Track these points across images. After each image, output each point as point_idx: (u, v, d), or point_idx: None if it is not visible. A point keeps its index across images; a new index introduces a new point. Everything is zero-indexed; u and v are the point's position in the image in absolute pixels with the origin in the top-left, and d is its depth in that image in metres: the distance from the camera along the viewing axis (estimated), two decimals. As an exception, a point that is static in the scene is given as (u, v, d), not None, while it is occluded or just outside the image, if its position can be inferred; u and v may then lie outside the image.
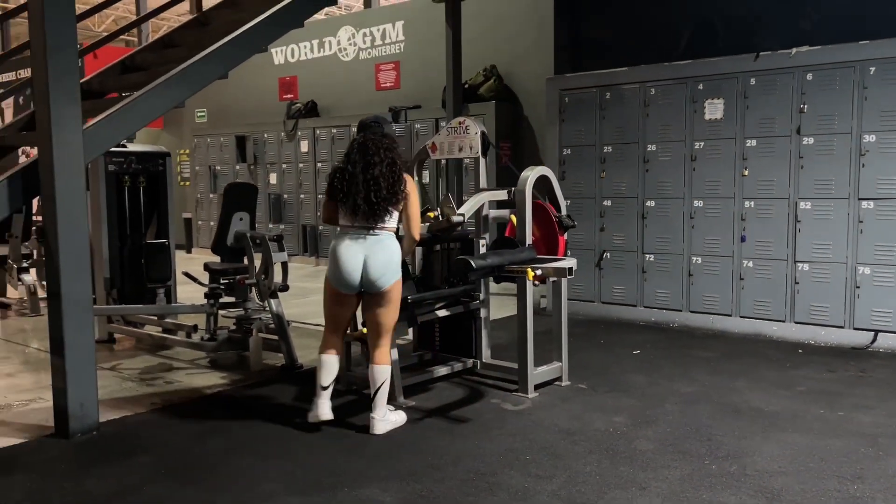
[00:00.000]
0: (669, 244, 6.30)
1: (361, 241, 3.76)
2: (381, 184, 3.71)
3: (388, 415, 3.88)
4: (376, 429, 3.81)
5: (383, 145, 3.80)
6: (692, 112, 6.12)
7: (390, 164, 3.75)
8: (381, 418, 3.84)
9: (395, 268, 3.79)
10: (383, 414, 3.86)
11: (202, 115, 13.22)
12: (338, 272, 3.78)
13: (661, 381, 4.69)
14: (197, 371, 5.18)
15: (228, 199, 5.40)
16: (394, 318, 3.87)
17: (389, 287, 3.77)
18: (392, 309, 3.84)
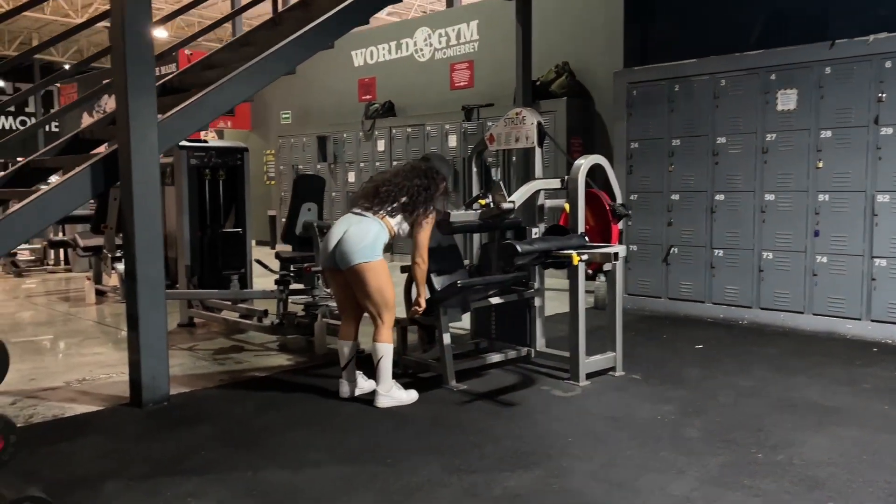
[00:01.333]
0: (739, 239, 6.15)
1: (351, 218, 4.08)
2: (402, 190, 4.03)
3: (393, 391, 4.06)
4: (378, 402, 4.02)
5: (428, 174, 4.11)
6: (764, 103, 5.95)
7: (422, 187, 4.04)
8: (385, 393, 4.04)
9: (365, 248, 3.93)
10: (387, 389, 4.04)
11: (287, 117, 13.75)
12: (323, 244, 4.11)
13: (718, 375, 4.60)
14: (265, 353, 5.44)
15: (297, 190, 5.65)
16: (376, 301, 4.01)
17: (355, 266, 3.95)
18: (366, 291, 4.00)
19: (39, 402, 4.26)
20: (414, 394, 4.13)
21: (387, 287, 4.03)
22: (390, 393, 4.04)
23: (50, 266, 10.84)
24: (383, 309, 4.04)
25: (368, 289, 4.00)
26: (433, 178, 4.13)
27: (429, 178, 4.12)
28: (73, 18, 19.40)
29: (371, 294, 4.01)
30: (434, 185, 4.12)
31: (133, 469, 3.24)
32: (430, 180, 4.13)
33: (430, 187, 4.10)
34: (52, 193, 3.91)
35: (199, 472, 3.19)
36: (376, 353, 4.06)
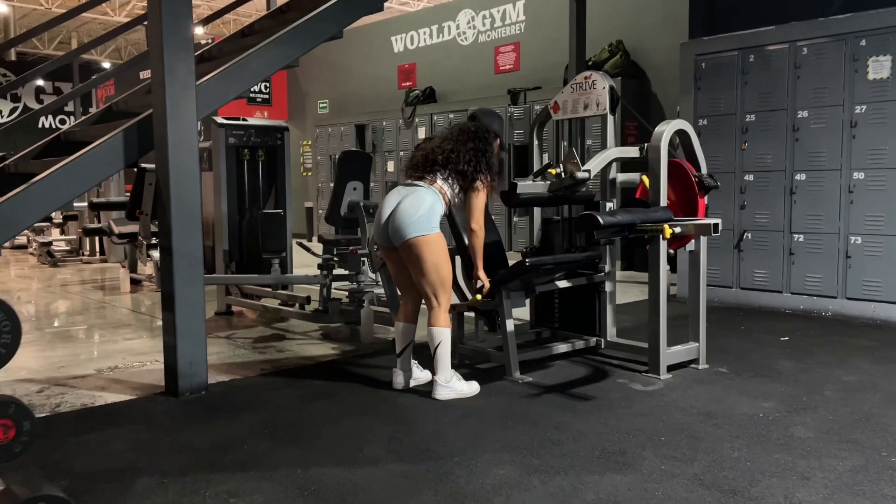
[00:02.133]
0: (823, 223, 5.60)
1: (402, 189, 3.72)
2: (456, 155, 3.64)
3: (453, 381, 3.63)
4: (437, 394, 3.61)
5: (479, 135, 3.71)
6: (852, 72, 5.40)
7: (477, 151, 3.65)
8: (444, 383, 3.61)
9: (420, 220, 3.55)
10: (446, 379, 3.62)
11: (324, 106, 13.43)
12: (376, 220, 3.73)
13: (816, 368, 4.09)
14: (309, 342, 5.06)
15: (343, 167, 5.26)
16: (432, 280, 3.59)
17: (409, 240, 3.55)
18: (422, 268, 3.58)
19: (68, 390, 3.92)
20: (476, 385, 3.70)
21: (444, 264, 3.61)
22: (450, 383, 3.61)
23: (86, 256, 10.64)
24: (440, 289, 3.62)
25: (424, 265, 3.58)
26: (486, 139, 3.71)
27: (481, 140, 3.70)
28: (111, 17, 19.37)
29: (427, 271, 3.59)
30: (489, 147, 3.70)
31: (168, 463, 2.86)
32: (483, 142, 3.70)
33: (486, 150, 3.68)
34: (83, 160, 3.55)
35: (241, 468, 2.80)
36: (433, 340, 3.64)
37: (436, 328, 3.64)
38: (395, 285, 5.00)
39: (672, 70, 7.98)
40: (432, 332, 3.65)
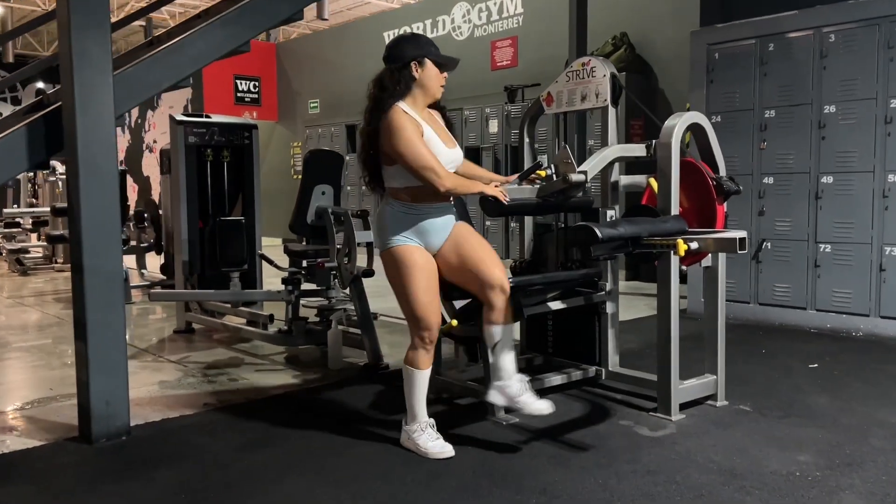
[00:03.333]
0: (853, 231, 4.96)
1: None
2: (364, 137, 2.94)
3: (418, 433, 2.96)
4: (401, 439, 3.02)
5: (378, 82, 2.89)
6: (887, 61, 4.77)
7: (372, 100, 2.89)
8: (407, 431, 2.99)
9: (378, 237, 3.04)
10: (411, 428, 2.98)
11: (315, 106, 12.85)
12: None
13: (856, 406, 3.46)
14: (269, 367, 4.45)
15: (309, 169, 4.65)
16: (402, 302, 2.99)
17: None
18: (393, 287, 3.00)
19: (-30, 431, 3.32)
20: (447, 449, 2.92)
21: (403, 285, 2.94)
22: (413, 435, 2.97)
23: (59, 263, 10.05)
24: (408, 318, 2.99)
25: (391, 283, 2.99)
26: (390, 72, 2.87)
27: (379, 81, 2.89)
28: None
29: (395, 291, 2.98)
30: (393, 76, 2.86)
31: (46, 545, 2.25)
32: (380, 84, 2.89)
33: (384, 85, 2.87)
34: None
35: (136, 554, 2.18)
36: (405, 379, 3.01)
37: (404, 365, 3.01)
38: (367, 302, 4.41)
39: (681, 64, 7.35)
40: (404, 372, 3.01)
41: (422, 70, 2.88)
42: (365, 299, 4.41)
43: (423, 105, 2.95)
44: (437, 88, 2.94)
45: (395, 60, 2.88)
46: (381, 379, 4.11)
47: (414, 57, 2.87)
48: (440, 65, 2.91)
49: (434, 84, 2.92)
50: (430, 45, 2.95)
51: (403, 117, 2.80)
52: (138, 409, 3.53)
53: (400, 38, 2.96)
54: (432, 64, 2.89)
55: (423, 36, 3.01)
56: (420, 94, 2.91)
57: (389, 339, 5.04)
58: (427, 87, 2.91)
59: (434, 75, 2.91)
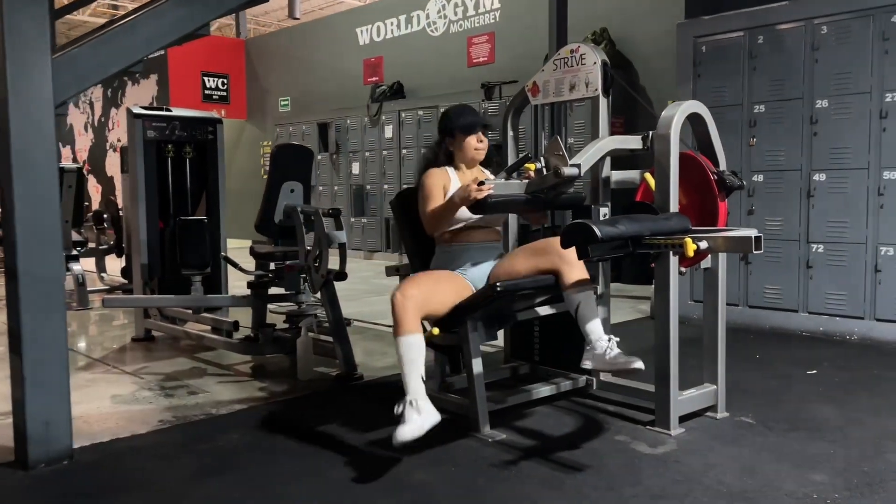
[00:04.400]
0: (847, 230, 4.77)
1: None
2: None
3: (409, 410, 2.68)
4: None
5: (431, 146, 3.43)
6: (881, 53, 4.58)
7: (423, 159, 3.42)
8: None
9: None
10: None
11: (286, 104, 12.48)
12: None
13: (864, 417, 3.24)
14: (233, 379, 4.12)
15: (277, 165, 4.34)
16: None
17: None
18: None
19: None
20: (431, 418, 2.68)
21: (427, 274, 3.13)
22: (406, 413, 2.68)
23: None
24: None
25: None
26: (427, 151, 3.40)
27: (431, 145, 3.40)
28: (77, 16, 18.26)
29: None
30: (433, 149, 3.34)
31: None
32: (430, 149, 3.39)
33: (428, 154, 3.37)
34: None
35: None
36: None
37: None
38: (339, 308, 4.11)
39: (663, 60, 7.19)
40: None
41: (454, 141, 3.23)
42: (337, 304, 4.11)
43: (469, 167, 3.29)
44: (471, 152, 3.23)
45: (438, 133, 3.33)
46: (356, 391, 3.81)
47: (444, 132, 3.27)
48: (466, 130, 3.21)
49: (466, 149, 3.22)
50: (461, 116, 3.24)
51: (431, 174, 3.20)
52: (85, 428, 3.19)
53: (443, 114, 3.34)
54: (460, 133, 3.21)
55: (458, 108, 3.29)
56: (461, 161, 3.26)
57: (364, 346, 4.76)
58: (463, 153, 3.24)
59: (464, 143, 3.22)
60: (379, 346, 4.81)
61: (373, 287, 7.34)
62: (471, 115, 3.26)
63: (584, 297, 2.86)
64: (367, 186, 10.17)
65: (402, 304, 2.77)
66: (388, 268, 3.53)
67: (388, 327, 5.34)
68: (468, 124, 3.21)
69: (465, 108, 3.28)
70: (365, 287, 7.35)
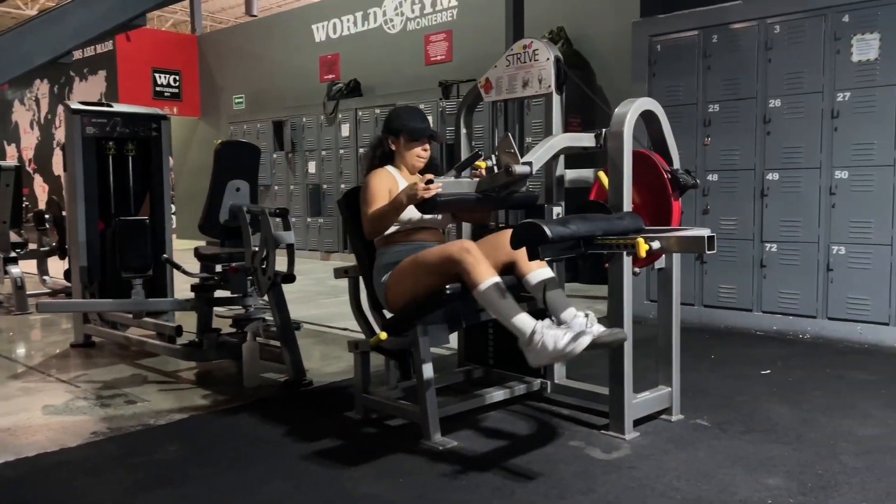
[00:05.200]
0: (800, 230, 4.79)
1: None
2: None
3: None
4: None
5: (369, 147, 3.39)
6: (833, 53, 4.61)
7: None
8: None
9: (379, 276, 3.11)
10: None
11: (240, 102, 12.21)
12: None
13: (818, 417, 3.22)
14: (175, 387, 3.95)
15: (222, 162, 4.16)
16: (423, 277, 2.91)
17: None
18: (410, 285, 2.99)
19: None
20: (582, 340, 2.49)
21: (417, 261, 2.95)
22: (540, 347, 2.56)
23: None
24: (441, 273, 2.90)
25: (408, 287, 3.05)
26: (377, 140, 3.32)
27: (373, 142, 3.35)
28: (24, 10, 17.69)
29: (412, 289, 3.04)
30: (374, 146, 3.31)
31: None
32: (371, 146, 3.34)
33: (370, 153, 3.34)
34: None
35: None
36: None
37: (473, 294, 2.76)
38: (287, 311, 3.97)
39: (620, 59, 7.16)
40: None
41: (398, 142, 3.18)
42: (285, 307, 3.96)
43: (409, 173, 3.20)
44: (412, 159, 3.17)
45: (383, 130, 3.24)
46: (305, 397, 3.68)
47: (390, 130, 3.18)
48: (413, 136, 3.14)
49: (408, 155, 3.17)
50: (411, 119, 3.16)
51: (376, 175, 3.12)
52: (10, 442, 3.01)
53: (392, 112, 3.24)
54: (407, 136, 3.15)
55: (409, 110, 3.23)
56: (400, 163, 3.20)
57: (316, 350, 4.62)
58: (403, 157, 3.19)
59: (408, 148, 3.16)
60: (331, 350, 4.68)
61: (327, 289, 7.18)
62: (420, 120, 3.17)
63: (549, 280, 2.77)
64: (323, 186, 9.99)
65: (471, 253, 2.67)
66: (337, 269, 3.40)
67: (342, 330, 5.23)
68: (416, 130, 3.14)
69: (416, 111, 3.21)
70: (319, 289, 7.19)
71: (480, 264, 2.65)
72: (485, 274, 2.64)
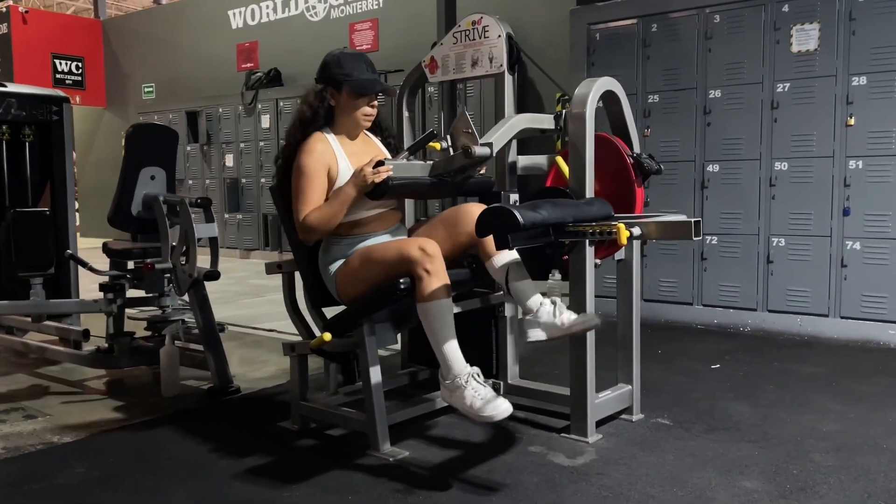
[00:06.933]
0: (740, 222, 4.75)
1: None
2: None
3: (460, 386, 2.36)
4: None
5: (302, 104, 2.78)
6: (773, 43, 4.58)
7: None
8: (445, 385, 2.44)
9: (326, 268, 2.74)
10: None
11: (150, 91, 11.49)
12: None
13: (777, 413, 3.12)
14: (82, 398, 3.51)
15: (134, 148, 3.74)
16: (376, 269, 2.59)
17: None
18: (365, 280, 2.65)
19: None
20: (500, 410, 2.30)
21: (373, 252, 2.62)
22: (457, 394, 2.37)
23: None
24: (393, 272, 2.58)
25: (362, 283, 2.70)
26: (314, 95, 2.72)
27: (306, 97, 2.76)
28: None
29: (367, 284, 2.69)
30: (311, 105, 2.71)
31: None
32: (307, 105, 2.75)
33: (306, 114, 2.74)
34: None
35: None
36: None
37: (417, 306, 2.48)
38: (210, 312, 3.59)
39: (556, 51, 7.01)
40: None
41: (338, 96, 2.65)
42: (208, 308, 3.59)
43: (351, 137, 2.73)
44: (358, 118, 2.68)
45: (319, 81, 2.68)
46: (232, 407, 3.32)
47: (329, 81, 2.65)
48: (360, 89, 2.63)
49: (355, 114, 2.67)
50: (355, 67, 2.65)
51: (310, 151, 2.60)
52: None
53: (331, 57, 2.70)
54: (351, 90, 2.63)
55: (352, 55, 2.71)
56: (342, 123, 2.70)
57: (240, 354, 4.26)
58: (347, 116, 2.68)
59: (353, 104, 2.66)
60: (258, 354, 4.31)
61: (248, 288, 6.76)
62: (368, 70, 2.66)
63: (513, 264, 2.53)
64: (242, 180, 9.49)
65: (432, 261, 2.37)
66: (269, 265, 3.06)
67: (268, 332, 4.87)
68: (364, 82, 2.62)
69: (359, 56, 2.69)
70: (240, 288, 6.75)
71: (437, 277, 2.37)
72: (439, 292, 2.37)
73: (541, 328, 2.48)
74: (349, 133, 2.70)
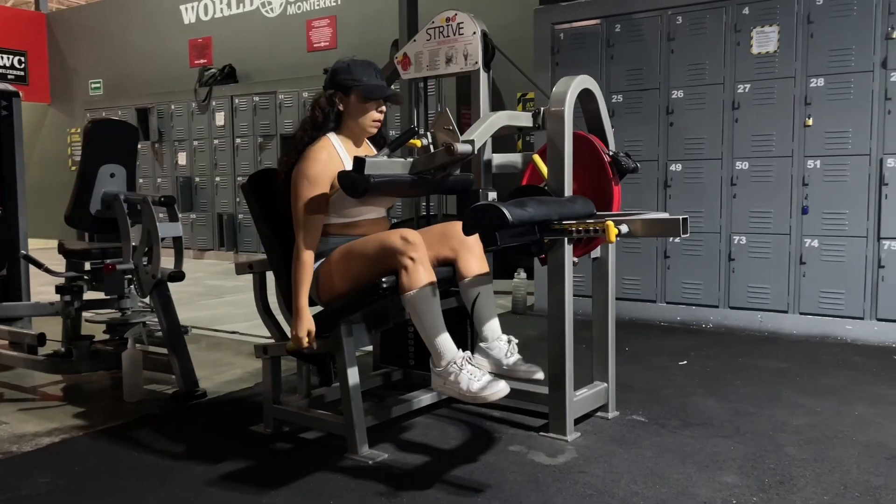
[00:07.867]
0: (702, 220, 4.83)
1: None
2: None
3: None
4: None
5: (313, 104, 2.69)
6: (734, 45, 4.66)
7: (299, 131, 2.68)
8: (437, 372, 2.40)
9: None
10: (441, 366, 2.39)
11: (97, 87, 11.14)
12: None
13: (748, 408, 3.17)
14: (39, 405, 3.37)
15: (93, 144, 3.60)
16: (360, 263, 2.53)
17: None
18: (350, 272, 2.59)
19: None
20: (499, 388, 2.27)
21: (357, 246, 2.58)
22: (451, 379, 2.33)
23: None
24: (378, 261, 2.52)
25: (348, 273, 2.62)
26: (325, 100, 2.63)
27: (315, 102, 2.66)
28: None
29: (354, 274, 2.62)
30: (322, 109, 2.62)
31: None
32: (319, 109, 2.63)
33: (317, 118, 2.63)
34: None
35: None
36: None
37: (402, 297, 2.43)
38: (174, 314, 3.48)
39: (519, 51, 7.02)
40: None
41: (347, 101, 2.60)
42: (172, 310, 3.48)
43: (357, 143, 2.68)
44: (367, 123, 2.63)
45: (329, 86, 2.63)
46: (199, 411, 3.22)
47: (339, 86, 2.60)
48: (369, 94, 2.58)
49: (364, 119, 2.62)
50: (365, 73, 2.61)
51: (313, 160, 2.52)
52: None
53: (341, 65, 2.65)
54: (360, 95, 2.58)
55: (362, 62, 2.65)
56: (350, 129, 2.64)
57: (204, 357, 4.14)
58: (356, 121, 2.62)
59: (362, 109, 2.60)
60: (221, 357, 4.21)
61: (206, 289, 6.60)
62: (377, 76, 2.63)
63: (484, 291, 2.52)
64: (196, 178, 9.28)
65: (415, 248, 2.34)
66: (239, 265, 2.98)
67: (230, 334, 4.75)
68: (374, 88, 2.58)
69: (369, 64, 2.64)
70: (197, 289, 6.59)
71: (421, 265, 2.34)
72: (423, 278, 2.34)
73: (488, 360, 2.52)
74: (355, 139, 2.67)
